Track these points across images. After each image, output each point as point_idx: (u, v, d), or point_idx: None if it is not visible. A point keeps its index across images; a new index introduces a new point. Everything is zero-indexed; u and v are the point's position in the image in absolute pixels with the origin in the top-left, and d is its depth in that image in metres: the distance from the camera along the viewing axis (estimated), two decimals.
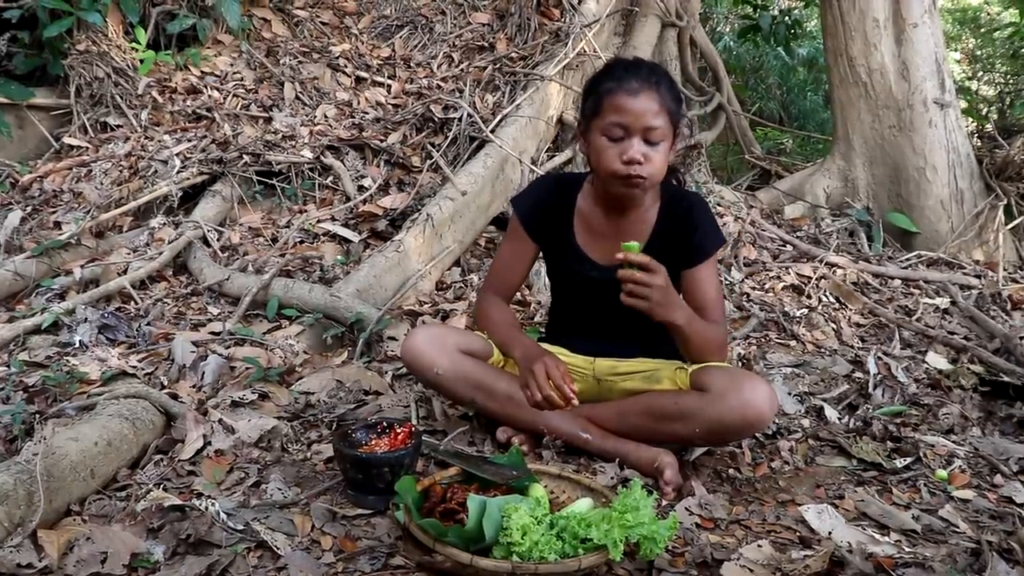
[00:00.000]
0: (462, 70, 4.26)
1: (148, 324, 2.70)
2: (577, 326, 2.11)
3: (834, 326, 3.05)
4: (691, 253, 1.93)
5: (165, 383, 2.28)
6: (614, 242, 1.96)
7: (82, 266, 3.02)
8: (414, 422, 2.12)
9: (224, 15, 4.10)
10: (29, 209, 3.48)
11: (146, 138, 3.82)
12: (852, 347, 2.91)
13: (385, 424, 1.83)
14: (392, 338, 2.65)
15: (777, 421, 2.26)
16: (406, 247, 3.05)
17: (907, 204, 4.07)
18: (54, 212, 3.47)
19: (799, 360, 2.75)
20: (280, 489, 1.76)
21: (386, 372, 2.44)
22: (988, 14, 9.62)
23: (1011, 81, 8.69)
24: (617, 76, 1.82)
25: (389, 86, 4.29)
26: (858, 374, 2.67)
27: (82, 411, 2.03)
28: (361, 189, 3.57)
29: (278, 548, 1.54)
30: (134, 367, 2.34)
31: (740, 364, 2.67)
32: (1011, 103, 8.09)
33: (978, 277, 3.60)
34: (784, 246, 3.73)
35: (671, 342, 2.03)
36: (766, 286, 3.31)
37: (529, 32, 4.41)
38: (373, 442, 1.79)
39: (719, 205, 3.99)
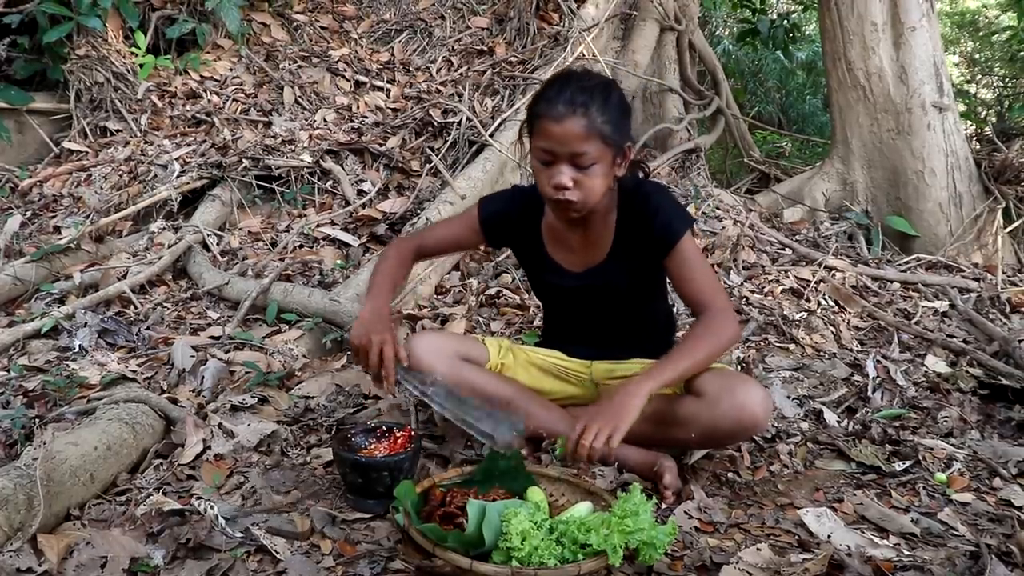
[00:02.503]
0: (461, 74, 4.27)
1: (148, 328, 2.70)
2: (569, 332, 2.12)
3: (833, 329, 3.05)
4: (659, 239, 1.85)
5: (165, 387, 2.29)
6: (582, 251, 1.97)
7: (82, 271, 3.02)
8: (413, 426, 2.12)
9: (223, 20, 4.11)
10: (29, 214, 3.48)
11: (146, 143, 3.83)
12: (851, 350, 2.92)
13: (384, 428, 1.83)
14: None
15: (776, 424, 2.26)
16: None
17: (906, 207, 4.07)
18: (54, 217, 3.48)
19: (798, 363, 2.75)
20: (280, 493, 1.77)
21: None
22: (986, 17, 9.65)
23: (1009, 84, 8.71)
24: (547, 98, 1.75)
25: (388, 90, 4.30)
26: (857, 377, 2.67)
27: (82, 415, 2.03)
28: (360, 193, 3.57)
29: (277, 552, 1.54)
30: (134, 371, 2.34)
31: (739, 368, 2.67)
32: (1009, 106, 8.10)
33: (977, 280, 3.60)
34: (783, 249, 3.73)
35: (662, 343, 2.04)
36: (765, 290, 3.31)
37: (528, 36, 4.42)
38: (372, 446, 1.79)
39: (718, 208, 3.99)
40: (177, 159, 3.65)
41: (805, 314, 3.12)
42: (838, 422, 2.33)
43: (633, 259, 1.89)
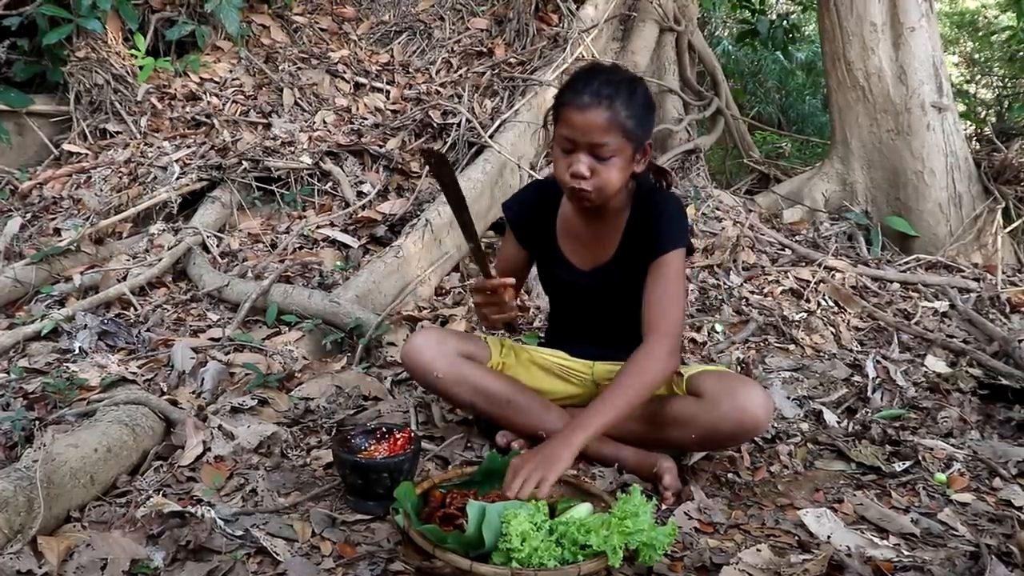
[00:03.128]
0: (461, 76, 4.27)
1: (148, 330, 2.70)
2: (573, 331, 2.12)
3: (833, 330, 3.05)
4: (652, 243, 1.85)
5: (165, 389, 2.29)
6: (591, 248, 1.98)
7: (82, 273, 3.02)
8: (413, 428, 2.12)
9: (223, 22, 4.11)
10: (29, 216, 3.48)
11: (145, 144, 3.83)
12: (851, 351, 2.92)
13: (384, 430, 1.83)
14: (391, 344, 2.66)
15: (776, 425, 2.26)
16: (405, 253, 3.06)
17: (905, 208, 4.07)
18: (54, 219, 3.48)
19: (798, 364, 2.75)
20: (280, 495, 1.77)
21: (385, 378, 2.44)
22: (986, 17, 9.66)
23: (1009, 84, 8.72)
24: (575, 89, 1.78)
25: (388, 92, 4.30)
26: (857, 378, 2.67)
27: (82, 417, 2.03)
28: (360, 195, 3.57)
29: (277, 554, 1.54)
30: (134, 373, 2.34)
31: (739, 369, 2.67)
32: (1009, 106, 8.11)
33: (977, 280, 3.60)
34: (783, 250, 3.73)
35: None
36: (765, 290, 3.31)
37: (527, 37, 4.42)
38: (372, 447, 1.79)
39: (718, 209, 4.00)
40: (177, 161, 3.65)
41: (805, 314, 3.12)
42: (838, 422, 2.33)
43: (637, 261, 1.89)
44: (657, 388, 1.79)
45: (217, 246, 3.28)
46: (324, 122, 4.03)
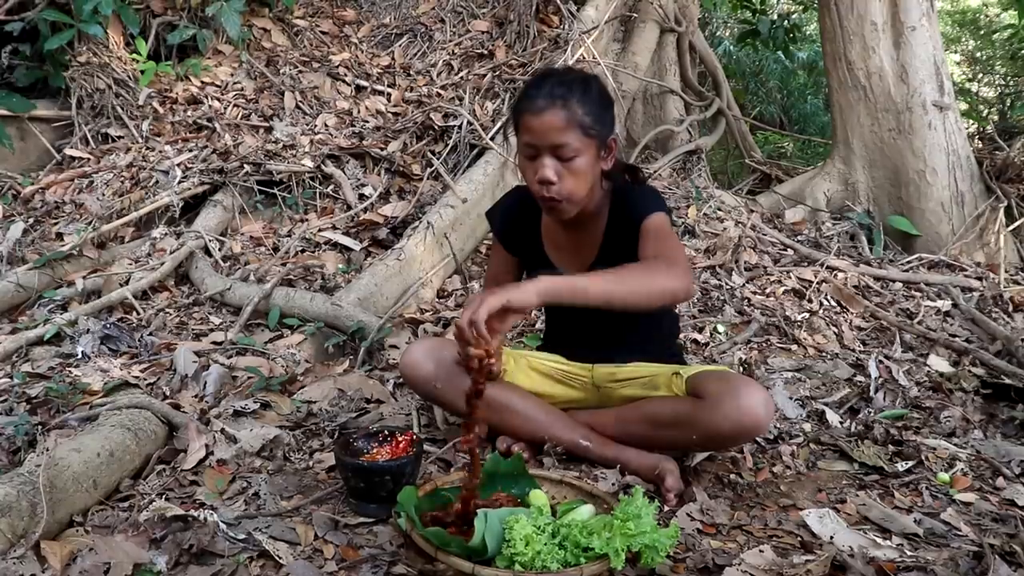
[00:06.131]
0: (462, 78, 4.27)
1: (150, 334, 2.70)
2: (569, 335, 2.12)
3: (835, 330, 3.04)
4: (634, 221, 1.83)
5: (167, 393, 2.29)
6: (575, 253, 1.98)
7: (84, 277, 3.03)
8: (415, 430, 2.12)
9: (224, 26, 4.12)
10: (31, 221, 3.49)
11: (147, 149, 3.84)
12: (853, 351, 2.91)
13: (387, 433, 1.83)
14: (394, 346, 2.66)
15: (778, 425, 2.26)
16: (407, 255, 3.06)
17: (907, 207, 4.07)
18: (56, 223, 3.48)
19: (800, 364, 2.75)
20: (282, 498, 1.77)
21: (388, 380, 2.45)
22: (987, 16, 9.64)
23: (1011, 82, 8.70)
24: (528, 95, 1.78)
25: (389, 94, 4.31)
26: (859, 378, 2.67)
27: (84, 422, 2.04)
28: (362, 197, 3.58)
29: (280, 557, 1.54)
30: (136, 377, 2.35)
31: (741, 369, 2.67)
32: (1011, 104, 8.11)
33: (979, 279, 3.59)
34: (785, 250, 3.73)
35: (664, 346, 2.04)
36: (767, 290, 3.31)
37: (528, 39, 4.42)
38: (375, 451, 1.79)
39: (719, 210, 3.99)
40: (179, 165, 3.66)
41: (807, 315, 3.11)
42: (840, 423, 2.33)
43: (621, 261, 1.88)
44: (661, 298, 1.68)
45: (219, 250, 3.28)
46: (325, 125, 4.03)
